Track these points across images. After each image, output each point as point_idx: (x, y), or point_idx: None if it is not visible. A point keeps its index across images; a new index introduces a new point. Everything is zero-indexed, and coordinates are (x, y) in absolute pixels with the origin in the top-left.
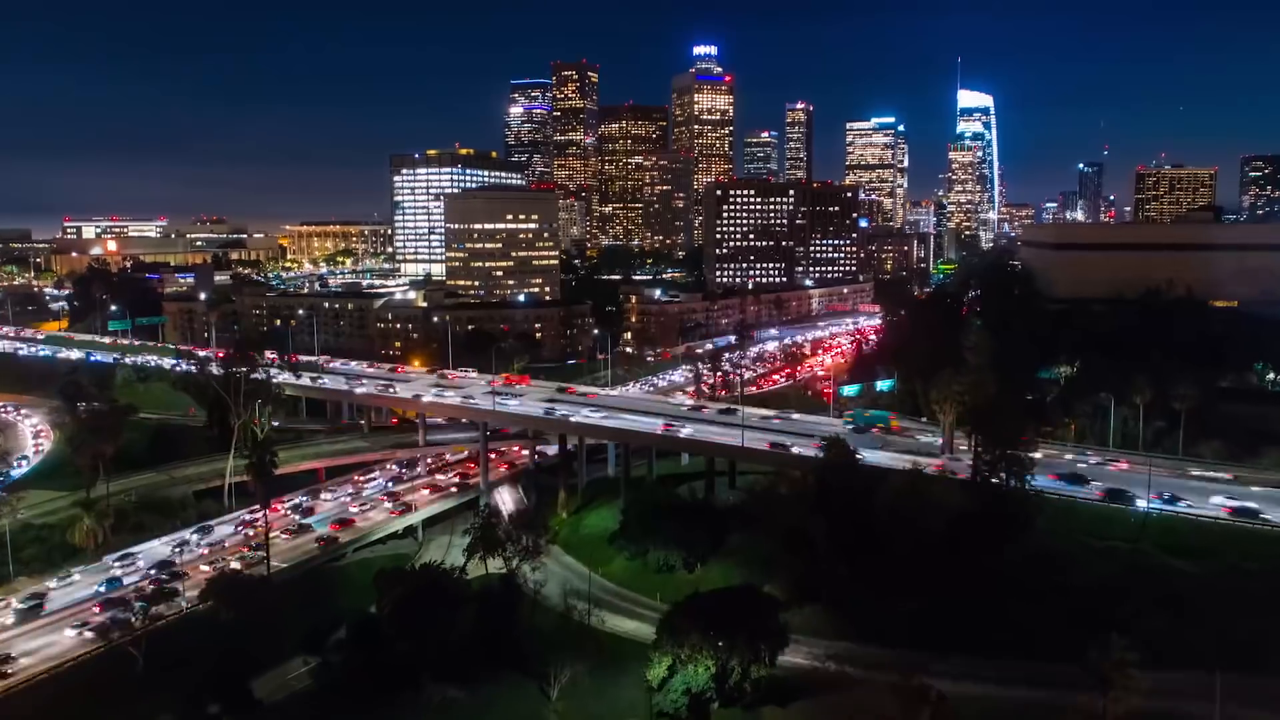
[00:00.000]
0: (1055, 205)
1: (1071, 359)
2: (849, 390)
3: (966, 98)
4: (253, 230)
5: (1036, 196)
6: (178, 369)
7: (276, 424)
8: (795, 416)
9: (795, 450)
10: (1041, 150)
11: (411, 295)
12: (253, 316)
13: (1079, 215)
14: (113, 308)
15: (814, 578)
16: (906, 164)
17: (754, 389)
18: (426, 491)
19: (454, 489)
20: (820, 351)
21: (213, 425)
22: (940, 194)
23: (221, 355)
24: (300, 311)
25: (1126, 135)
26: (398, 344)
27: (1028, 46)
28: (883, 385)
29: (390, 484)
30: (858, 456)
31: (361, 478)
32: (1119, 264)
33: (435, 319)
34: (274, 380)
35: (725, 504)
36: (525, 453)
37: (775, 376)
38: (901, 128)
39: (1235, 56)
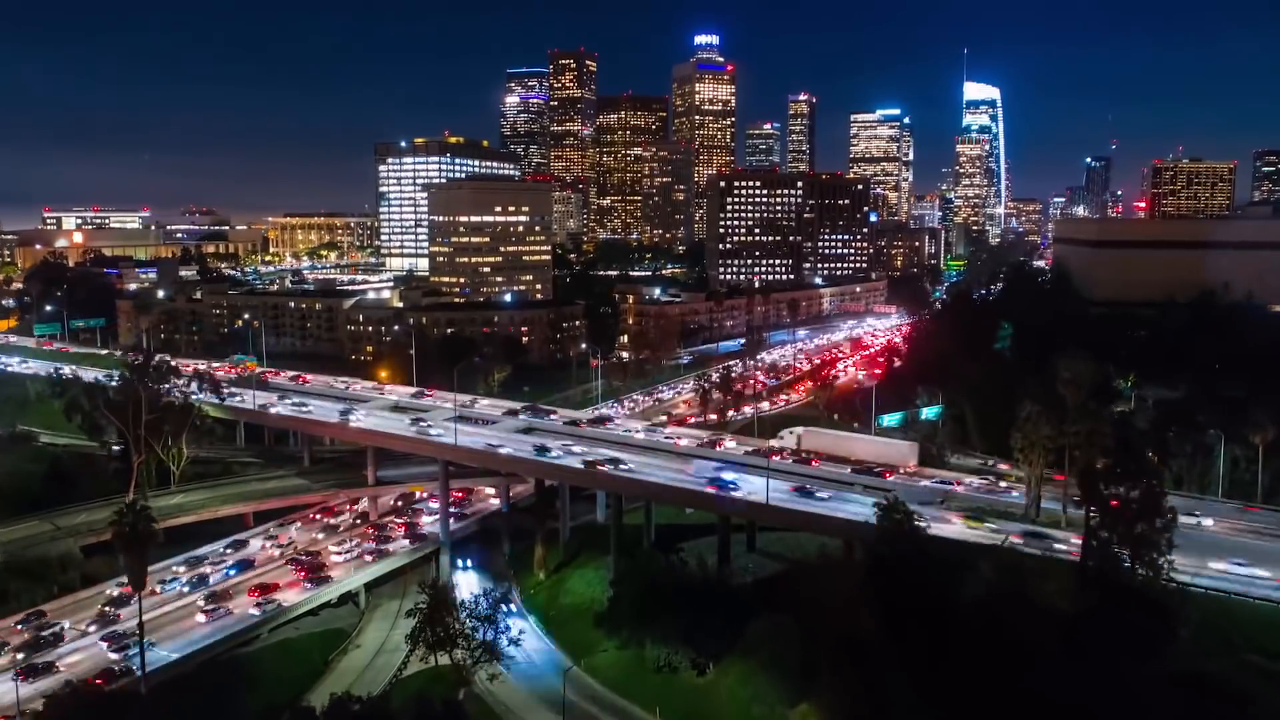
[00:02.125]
0: (1063, 200)
1: (1125, 372)
2: (889, 420)
3: (973, 90)
4: (237, 222)
5: (1042, 191)
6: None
7: (207, 452)
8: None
9: (839, 512)
10: (1047, 144)
11: (385, 294)
12: (212, 317)
13: (1082, 211)
14: (48, 307)
15: (870, 700)
16: (911, 157)
17: (772, 402)
18: (370, 545)
19: (405, 541)
20: (841, 357)
21: (113, 457)
22: (944, 188)
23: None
24: (245, 316)
25: (1135, 130)
26: (369, 348)
27: (1035, 39)
28: (928, 413)
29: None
30: (922, 524)
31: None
32: (1169, 263)
33: (410, 321)
34: (192, 398)
35: (744, 579)
36: (492, 492)
37: (794, 390)
38: (907, 120)
39: (1247, 50)
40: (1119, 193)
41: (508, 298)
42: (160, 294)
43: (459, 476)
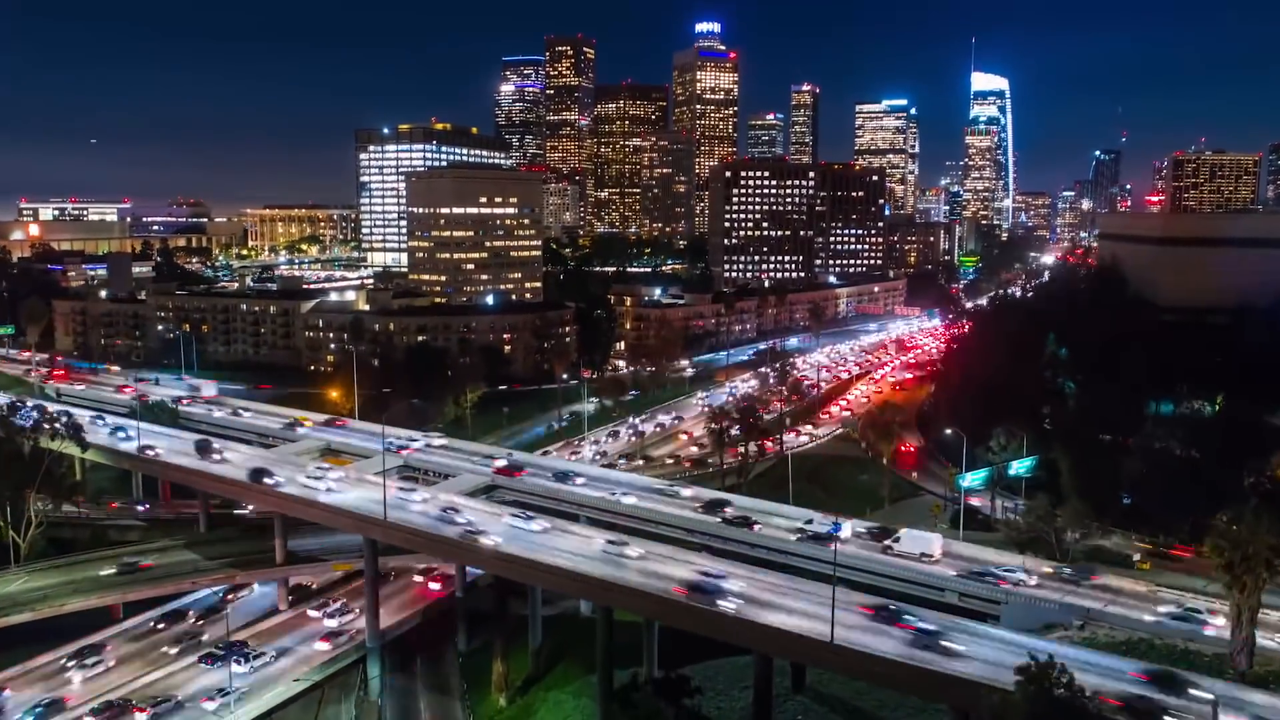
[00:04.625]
0: (1072, 194)
1: (1207, 392)
2: (973, 479)
3: (981, 80)
4: (224, 214)
5: (1046, 184)
6: None
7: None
8: (900, 542)
9: (948, 665)
10: (1053, 137)
11: (350, 296)
12: (156, 320)
13: (1085, 205)
14: None
15: None
16: (917, 149)
17: (798, 431)
18: (273, 649)
19: (321, 642)
20: (870, 368)
21: None
22: (947, 182)
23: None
24: (155, 324)
25: (1143, 123)
26: (330, 358)
27: (1043, 28)
28: (1020, 467)
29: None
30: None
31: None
32: (1248, 263)
33: (376, 327)
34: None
35: None
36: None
37: (830, 408)
38: (913, 111)
39: (1261, 41)
40: (1128, 186)
41: (490, 299)
42: (103, 294)
43: (396, 552)
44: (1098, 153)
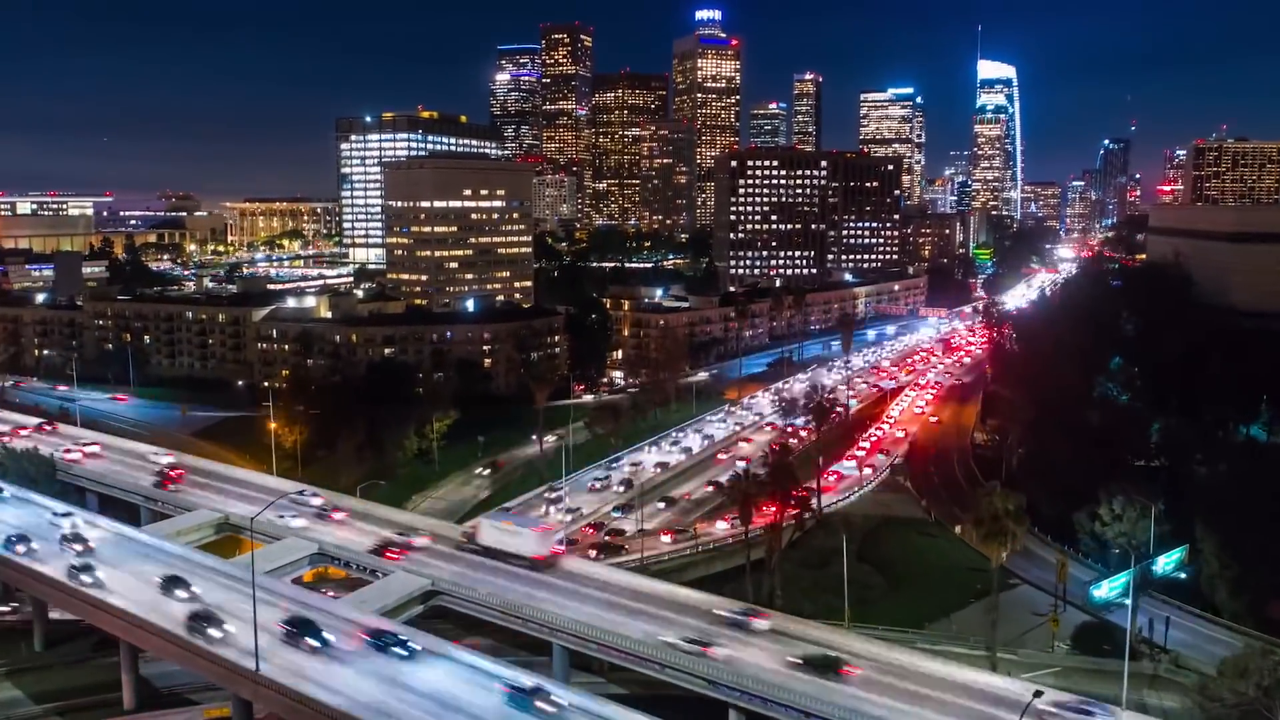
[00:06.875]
0: (1082, 184)
1: None
2: (1112, 588)
3: (987, 68)
4: (211, 207)
5: (1057, 174)
6: None
7: None
8: None
9: None
10: (1061, 126)
11: (310, 302)
12: (95, 328)
13: (1094, 195)
14: None
15: None
16: (924, 139)
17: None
18: None
19: None
20: (914, 373)
21: None
22: (953, 172)
23: None
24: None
25: (1150, 113)
26: (285, 372)
27: (1049, 14)
28: (1167, 562)
29: None
30: None
31: None
32: None
33: (338, 338)
34: None
35: None
36: None
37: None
38: (919, 100)
39: (1273, 30)
40: (1138, 176)
41: (470, 304)
42: (39, 298)
43: None
44: (1106, 141)
